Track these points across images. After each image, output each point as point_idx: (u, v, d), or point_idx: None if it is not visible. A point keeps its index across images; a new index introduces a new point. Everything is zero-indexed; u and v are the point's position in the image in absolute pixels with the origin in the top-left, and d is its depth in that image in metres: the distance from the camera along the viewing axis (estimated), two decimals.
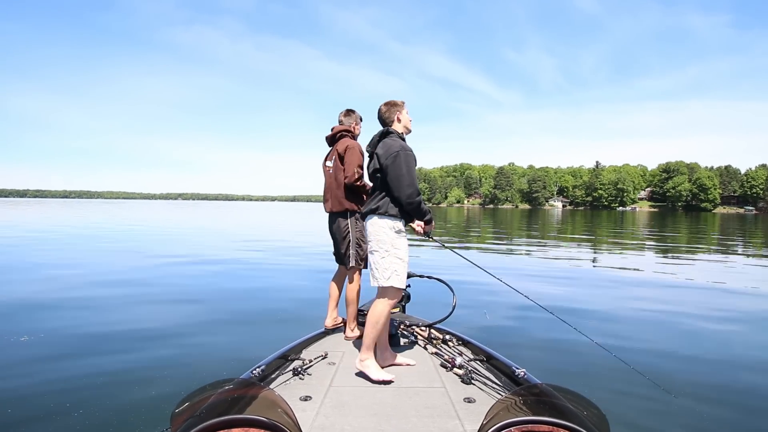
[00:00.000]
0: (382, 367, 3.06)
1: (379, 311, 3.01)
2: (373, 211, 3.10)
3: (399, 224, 3.08)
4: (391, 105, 3.29)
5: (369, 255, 3.18)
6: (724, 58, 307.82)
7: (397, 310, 4.27)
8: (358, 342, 3.73)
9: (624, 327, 5.97)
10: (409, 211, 3.08)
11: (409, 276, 4.27)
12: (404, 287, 3.08)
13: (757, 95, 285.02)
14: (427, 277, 4.16)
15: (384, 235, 3.04)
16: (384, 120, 3.29)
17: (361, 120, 4.08)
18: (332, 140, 3.97)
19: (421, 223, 3.15)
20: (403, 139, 3.26)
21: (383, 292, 3.05)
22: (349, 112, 4.03)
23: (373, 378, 2.90)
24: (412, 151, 3.11)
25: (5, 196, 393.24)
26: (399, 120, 3.27)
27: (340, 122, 4.03)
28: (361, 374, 2.99)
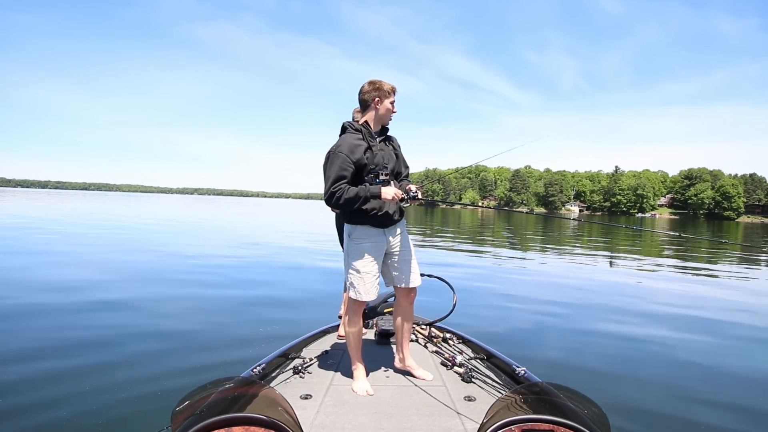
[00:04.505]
0: (397, 369, 3.03)
1: (347, 322, 2.91)
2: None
3: (355, 230, 2.81)
4: (375, 87, 2.78)
5: None
6: (753, 63, 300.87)
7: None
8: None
9: (626, 327, 5.93)
10: (338, 210, 2.85)
11: None
12: (362, 300, 2.81)
13: None
14: (428, 275, 4.14)
15: (345, 241, 2.90)
16: (361, 101, 2.84)
17: None
18: None
19: (391, 194, 2.68)
20: (361, 132, 2.78)
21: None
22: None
23: (352, 388, 2.77)
24: (343, 151, 2.68)
25: (27, 187, 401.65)
26: (376, 107, 2.80)
27: (354, 119, 3.93)
28: (335, 383, 2.91)
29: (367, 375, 2.91)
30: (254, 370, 2.73)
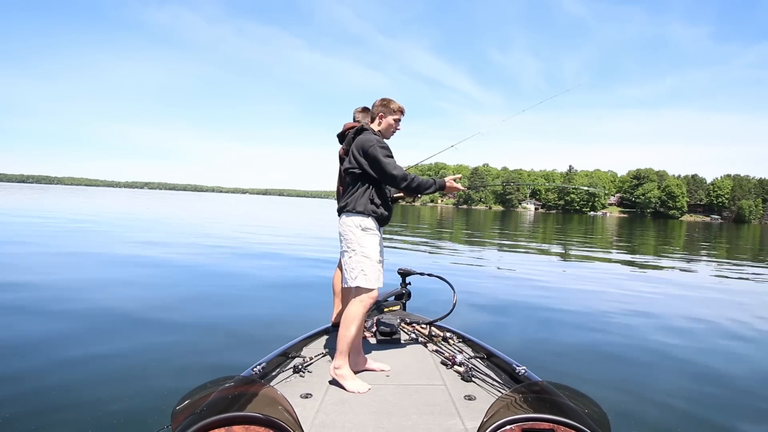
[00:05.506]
0: (355, 373, 2.93)
1: (352, 313, 2.88)
2: (342, 210, 3.06)
3: (366, 221, 2.97)
4: (384, 104, 3.17)
5: (341, 255, 3.10)
6: (702, 70, 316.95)
7: (397, 307, 4.28)
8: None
9: (626, 326, 5.99)
10: (410, 192, 3.00)
11: (410, 274, 4.26)
12: (374, 287, 2.91)
13: (728, 107, 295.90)
14: (428, 274, 4.15)
15: (350, 233, 2.96)
16: (371, 113, 3.23)
17: None
18: (343, 137, 3.71)
19: (454, 185, 3.12)
20: (379, 137, 3.13)
21: (354, 292, 2.94)
22: (366, 110, 3.77)
23: (349, 389, 2.75)
24: (387, 146, 3.07)
25: None
26: (380, 122, 3.17)
27: (355, 119, 3.79)
28: (335, 382, 2.83)
29: (363, 373, 2.95)
30: (254, 369, 2.73)
